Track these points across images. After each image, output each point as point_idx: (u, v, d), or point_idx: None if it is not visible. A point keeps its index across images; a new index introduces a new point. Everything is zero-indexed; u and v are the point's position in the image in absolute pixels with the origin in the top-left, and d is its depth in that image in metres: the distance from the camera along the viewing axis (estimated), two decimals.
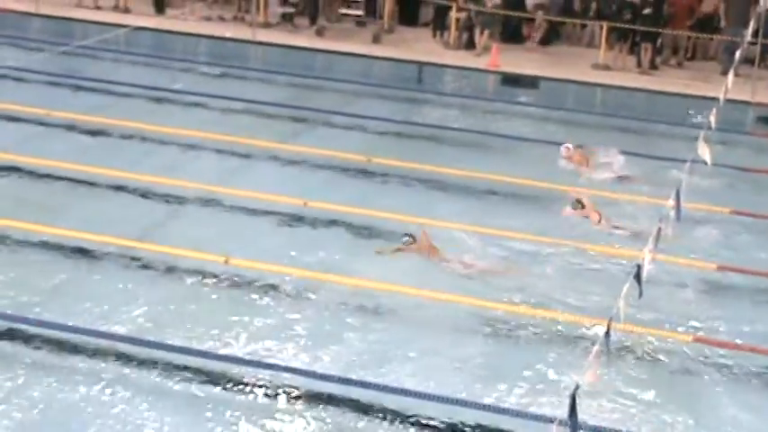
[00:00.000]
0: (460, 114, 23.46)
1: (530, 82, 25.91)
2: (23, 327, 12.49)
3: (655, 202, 16.71)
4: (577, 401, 8.31)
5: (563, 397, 10.18)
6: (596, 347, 9.03)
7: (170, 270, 14.51)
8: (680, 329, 13.22)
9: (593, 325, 13.19)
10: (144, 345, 12.15)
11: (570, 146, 19.89)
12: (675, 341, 13.03)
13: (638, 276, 10.57)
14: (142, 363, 11.90)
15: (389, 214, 16.40)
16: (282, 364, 11.99)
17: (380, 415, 11.23)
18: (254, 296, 13.89)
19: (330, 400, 11.45)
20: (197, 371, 11.70)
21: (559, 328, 13.55)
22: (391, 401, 11.36)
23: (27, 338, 12.28)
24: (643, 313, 12.64)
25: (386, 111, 23.10)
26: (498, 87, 26.09)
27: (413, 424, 11.13)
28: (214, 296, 13.95)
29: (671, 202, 13.24)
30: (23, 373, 11.62)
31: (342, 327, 13.07)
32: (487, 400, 11.57)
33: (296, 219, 16.52)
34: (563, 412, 8.78)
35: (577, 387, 8.30)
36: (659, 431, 11.37)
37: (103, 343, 12.13)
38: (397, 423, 11.16)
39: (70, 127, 20.76)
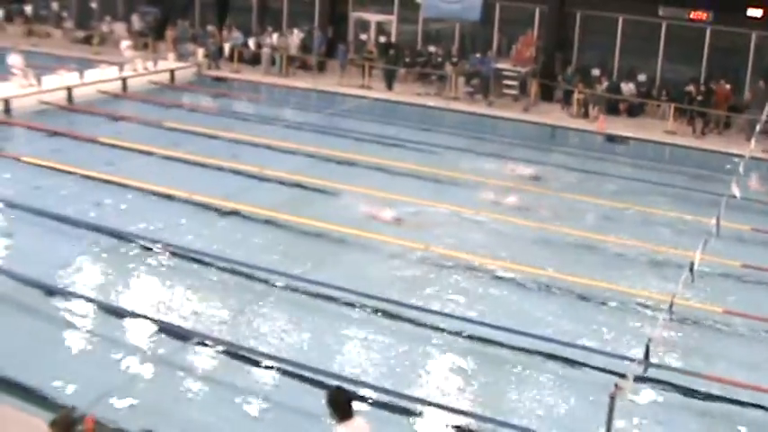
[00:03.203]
0: (576, 160, 23.56)
1: (623, 140, 26.00)
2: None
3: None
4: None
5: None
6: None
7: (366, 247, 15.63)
8: None
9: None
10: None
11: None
12: None
13: (691, 269, 11.29)
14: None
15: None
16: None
17: None
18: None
19: None
20: None
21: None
22: None
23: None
24: None
25: (530, 155, 23.45)
26: (603, 143, 25.99)
27: None
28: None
29: (713, 221, 13.59)
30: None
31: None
32: None
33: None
34: None
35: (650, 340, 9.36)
36: None
37: None
38: None
39: (331, 159, 21.65)
